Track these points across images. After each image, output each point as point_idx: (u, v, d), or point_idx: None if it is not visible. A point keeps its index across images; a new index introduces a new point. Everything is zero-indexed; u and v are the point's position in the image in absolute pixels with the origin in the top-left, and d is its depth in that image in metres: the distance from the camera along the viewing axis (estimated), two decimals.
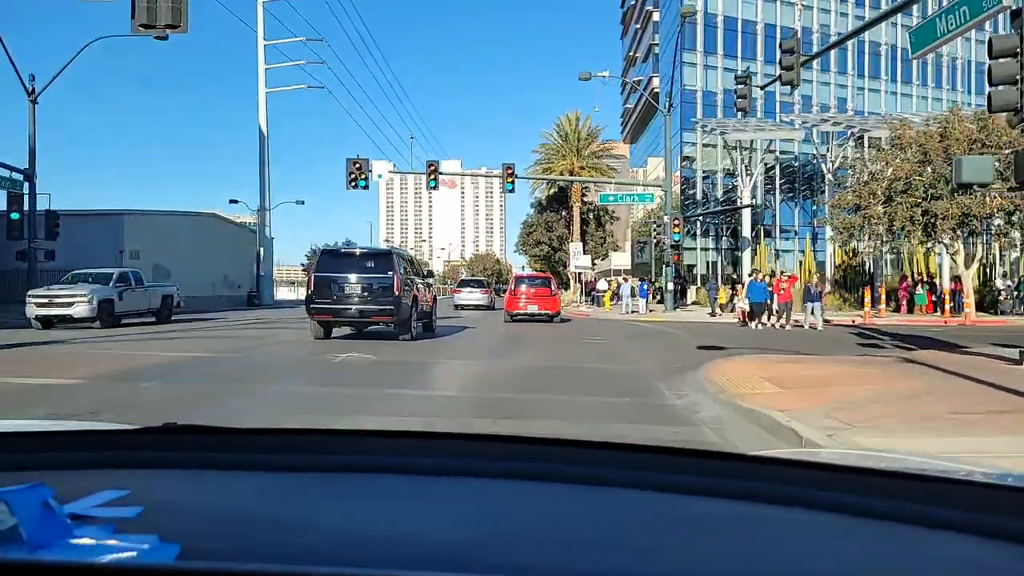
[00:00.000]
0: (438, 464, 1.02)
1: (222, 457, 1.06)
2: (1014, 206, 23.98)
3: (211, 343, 14.42)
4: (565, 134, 43.29)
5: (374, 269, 14.53)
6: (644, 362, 11.49)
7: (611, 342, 15.39)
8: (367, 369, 10.22)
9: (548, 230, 46.96)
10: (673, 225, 30.43)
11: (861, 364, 10.02)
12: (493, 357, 12.22)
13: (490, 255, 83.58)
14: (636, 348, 14.09)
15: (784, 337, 17.11)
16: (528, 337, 16.77)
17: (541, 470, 0.98)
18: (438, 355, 12.52)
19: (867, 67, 49.44)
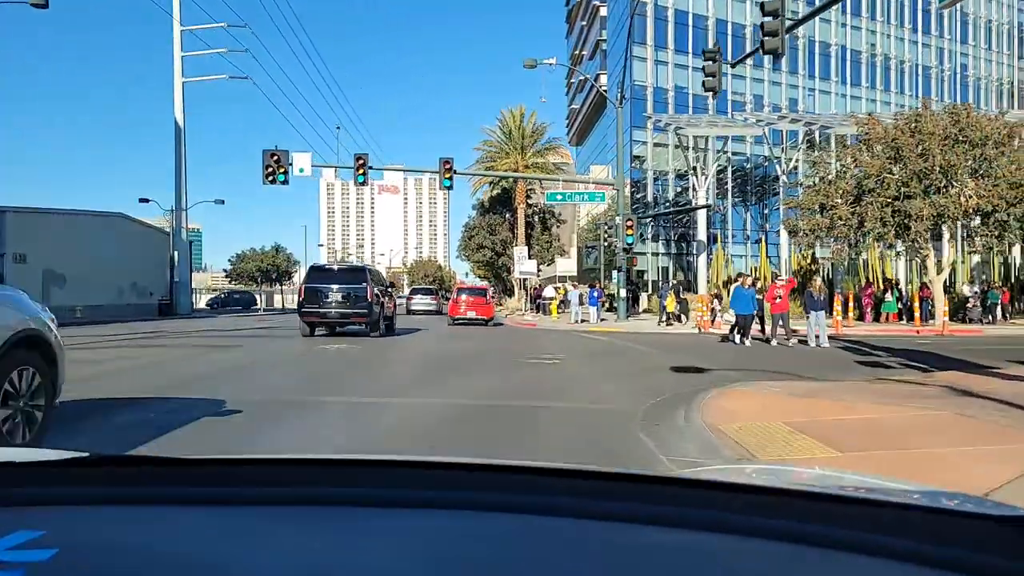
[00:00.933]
0: (379, 495, 0.97)
1: (150, 491, 0.98)
2: (992, 206, 22.25)
3: None
4: (509, 131, 40.57)
5: (351, 281, 18.44)
6: (611, 394, 8.69)
7: (565, 363, 12.58)
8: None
9: (491, 233, 44.10)
10: (626, 227, 27.99)
11: (908, 399, 7.42)
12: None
13: (431, 261, 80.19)
14: (597, 372, 11.31)
15: (770, 355, 14.59)
16: (469, 351, 13.97)
17: (488, 500, 0.95)
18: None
19: (817, 68, 48.34)
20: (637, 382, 9.83)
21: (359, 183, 27.73)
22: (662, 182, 44.26)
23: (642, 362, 12.96)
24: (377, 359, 13.02)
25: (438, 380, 9.92)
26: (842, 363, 12.59)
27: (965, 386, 8.52)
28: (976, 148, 22.83)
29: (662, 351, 15.01)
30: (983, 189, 22.44)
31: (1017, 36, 56.59)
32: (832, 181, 25.69)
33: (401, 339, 18.69)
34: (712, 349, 15.89)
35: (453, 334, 21.53)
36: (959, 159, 22.53)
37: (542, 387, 9.36)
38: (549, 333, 22.65)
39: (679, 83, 43.37)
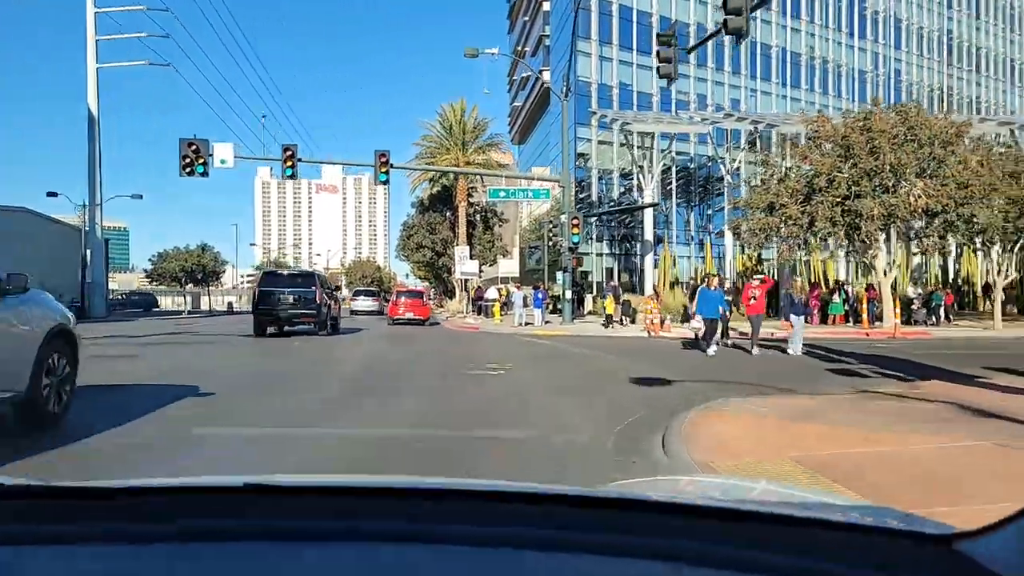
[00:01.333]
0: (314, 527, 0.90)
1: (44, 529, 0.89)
2: (941, 206, 21.87)
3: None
4: (449, 126, 38.97)
5: (302, 285, 20.06)
6: (569, 415, 7.30)
7: (513, 372, 11.15)
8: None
9: (431, 232, 42.38)
10: (572, 225, 26.78)
11: (921, 421, 6.25)
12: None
13: (369, 262, 77.57)
14: (549, 384, 9.91)
15: (734, 363, 13.47)
16: (405, 359, 12.40)
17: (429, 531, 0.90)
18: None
19: (759, 69, 48.38)
20: (597, 397, 8.49)
21: (287, 176, 25.72)
22: (606, 181, 43.39)
23: (597, 370, 11.65)
24: (303, 369, 11.68)
25: (366, 398, 8.31)
26: (813, 372, 11.55)
27: (966, 401, 7.48)
28: (924, 147, 22.46)
29: (616, 356, 13.76)
30: (932, 189, 22.07)
31: (946, 43, 58.06)
32: (781, 179, 25.05)
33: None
34: (667, 355, 14.72)
35: (392, 335, 21.87)
36: (908, 158, 22.11)
37: (486, 407, 7.90)
38: (492, 337, 21.22)
39: (624, 80, 42.62)
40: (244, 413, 7.17)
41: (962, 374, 10.57)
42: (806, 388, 9.19)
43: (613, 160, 42.40)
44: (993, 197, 22.27)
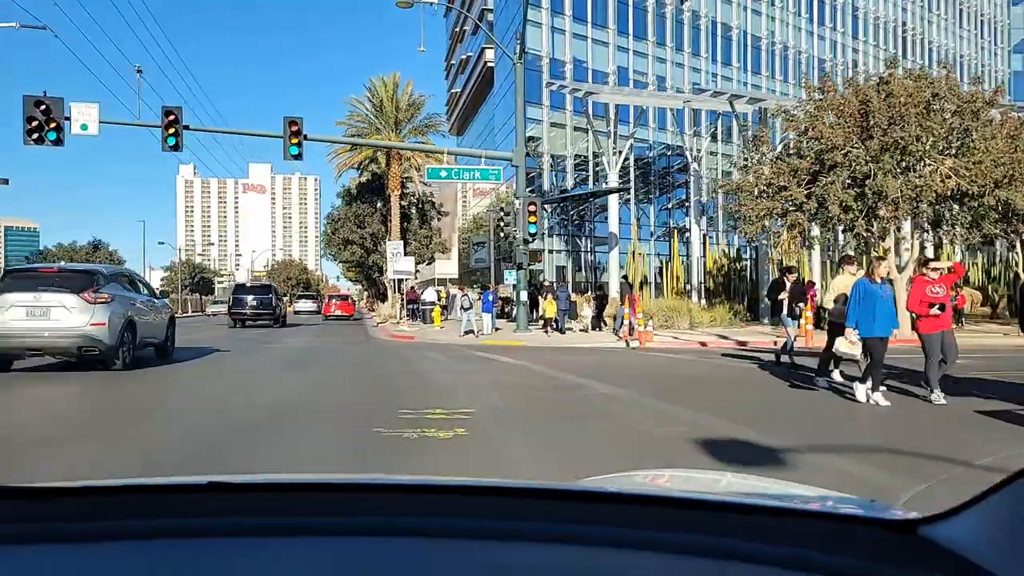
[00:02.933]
0: (284, 524, 0.90)
1: None
2: (977, 187, 18.07)
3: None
4: (380, 103, 33.73)
5: (262, 293, 29.26)
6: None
7: (480, 436, 6.21)
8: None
9: (360, 226, 36.98)
10: (528, 211, 22.07)
11: None
12: None
13: (295, 262, 71.21)
14: (564, 474, 5.09)
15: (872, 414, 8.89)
16: (306, 404, 7.48)
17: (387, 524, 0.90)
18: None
19: (720, 52, 44.89)
20: None
21: (170, 146, 20.15)
22: (560, 169, 38.89)
23: (647, 435, 6.72)
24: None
25: None
26: (968, 422, 7.05)
27: None
28: (956, 117, 18.68)
29: (635, 390, 8.97)
30: (963, 167, 18.27)
31: (900, 35, 56.13)
32: (779, 158, 20.96)
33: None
34: (737, 393, 10.05)
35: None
36: (939, 129, 18.29)
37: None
38: (434, 351, 16.27)
39: (578, 55, 38.24)
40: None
41: None
42: None
43: (567, 145, 37.89)
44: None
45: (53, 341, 10.64)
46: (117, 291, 11.59)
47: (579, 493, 0.99)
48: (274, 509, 0.93)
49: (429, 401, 7.85)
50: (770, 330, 23.16)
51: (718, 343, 18.69)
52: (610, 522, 0.86)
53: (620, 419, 7.22)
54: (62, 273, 11.75)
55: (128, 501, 0.94)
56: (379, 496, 0.97)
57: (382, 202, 36.21)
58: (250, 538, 0.87)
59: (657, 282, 32.92)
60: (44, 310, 10.64)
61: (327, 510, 0.93)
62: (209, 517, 0.90)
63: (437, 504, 0.94)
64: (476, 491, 0.98)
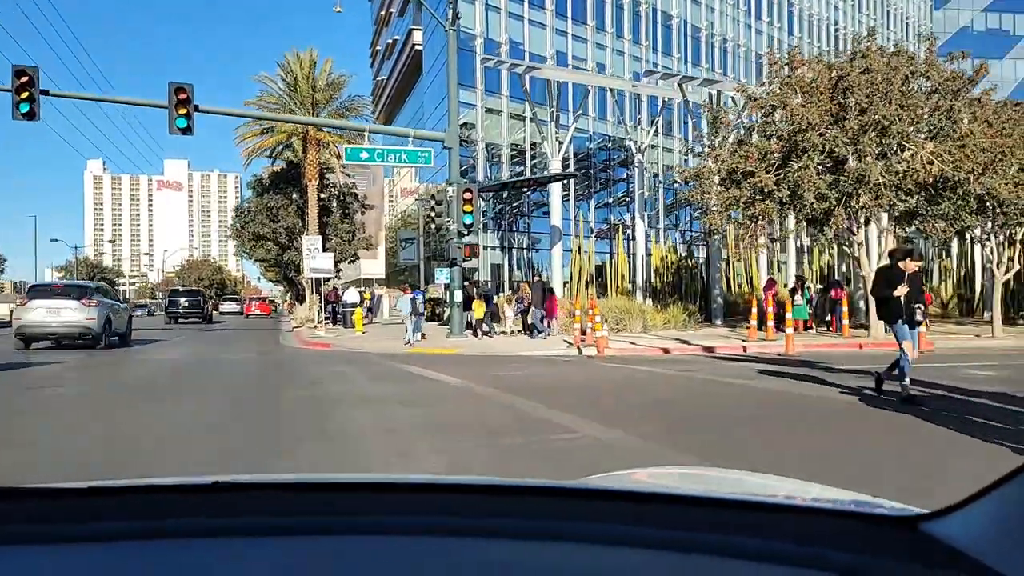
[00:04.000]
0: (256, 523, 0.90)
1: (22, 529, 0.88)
2: (965, 173, 16.29)
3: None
4: (294, 81, 30.14)
5: (193, 296, 36.85)
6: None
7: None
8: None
9: (273, 220, 33.26)
10: (464, 199, 19.28)
11: None
12: None
13: (208, 262, 66.08)
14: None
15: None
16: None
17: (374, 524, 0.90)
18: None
19: (660, 41, 43.08)
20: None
21: (23, 114, 16.39)
22: (496, 159, 36.07)
23: None
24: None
25: None
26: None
27: None
28: (935, 96, 16.90)
29: (658, 439, 6.15)
30: (945, 151, 16.47)
31: (833, 34, 55.94)
32: (744, 141, 18.83)
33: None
34: (793, 432, 7.42)
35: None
36: (923, 107, 16.45)
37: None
38: (352, 364, 13.21)
39: (514, 37, 35.53)
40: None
41: None
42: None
43: (503, 133, 35.14)
44: (1009, 164, 17.02)
45: (64, 329, 16.53)
46: (100, 298, 17.44)
47: (584, 491, 0.98)
48: (277, 509, 0.92)
49: (322, 470, 4.93)
50: (727, 332, 21.07)
51: (681, 348, 16.36)
52: (615, 520, 0.85)
53: None
54: (67, 287, 17.76)
55: (133, 501, 0.94)
56: (384, 495, 0.97)
57: (298, 193, 32.62)
58: (255, 538, 0.86)
59: (600, 281, 30.62)
60: (57, 310, 16.52)
61: (331, 509, 0.92)
62: (214, 517, 0.89)
63: (443, 503, 0.93)
64: (484, 490, 0.96)
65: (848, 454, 5.35)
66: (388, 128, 26.22)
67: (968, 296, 29.20)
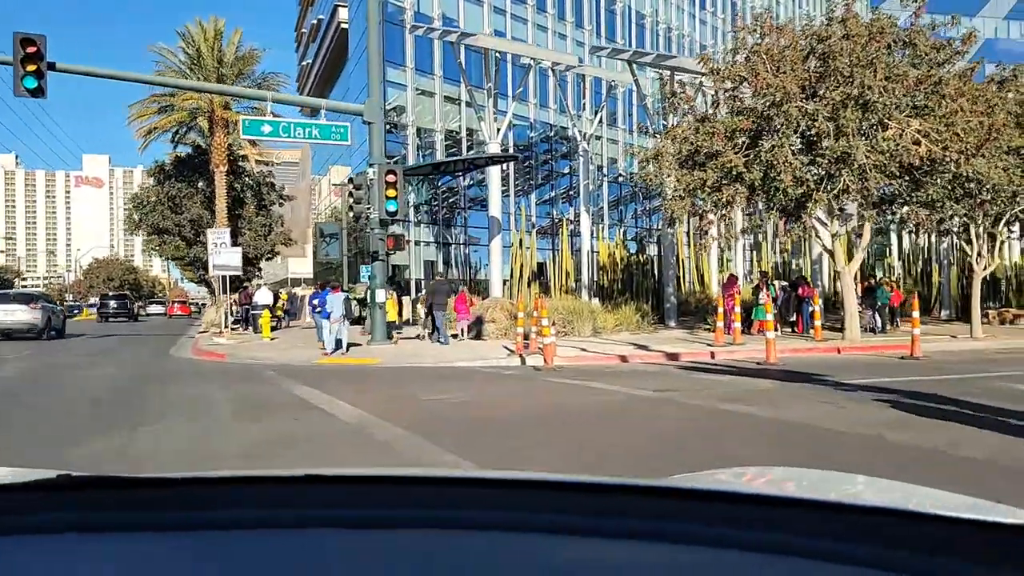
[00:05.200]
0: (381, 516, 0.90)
1: (116, 516, 0.91)
2: (957, 154, 14.33)
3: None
4: (197, 53, 26.56)
5: (122, 298, 46.49)
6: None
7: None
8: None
9: (176, 211, 29.51)
10: (387, 183, 16.44)
11: None
12: None
13: (118, 261, 60.82)
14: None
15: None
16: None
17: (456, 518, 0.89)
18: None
19: (603, 27, 40.88)
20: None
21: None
22: (428, 147, 33.04)
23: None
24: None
25: None
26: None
27: None
28: (924, 66, 14.92)
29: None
30: (932, 130, 14.49)
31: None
32: (707, 118, 16.54)
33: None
34: None
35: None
36: (911, 78, 14.43)
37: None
38: (231, 387, 10.16)
39: (448, 13, 32.59)
40: None
41: None
42: None
43: (436, 119, 32.20)
44: (999, 145, 15.20)
45: (16, 326, 21.77)
46: (43, 303, 23.14)
47: (673, 491, 0.94)
48: (368, 501, 0.93)
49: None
50: (686, 335, 18.81)
51: (641, 356, 13.95)
52: (702, 520, 0.83)
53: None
54: (17, 295, 24.09)
55: (228, 492, 0.95)
56: (485, 490, 0.96)
57: (205, 181, 29.00)
58: (344, 530, 0.87)
59: (542, 280, 28.14)
60: (11, 311, 21.88)
61: (417, 503, 0.93)
62: (305, 509, 0.90)
63: (524, 499, 0.93)
64: (564, 487, 0.95)
65: None
66: (296, 98, 22.98)
67: (925, 294, 27.86)
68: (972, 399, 7.37)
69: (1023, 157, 15.94)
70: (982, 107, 15.04)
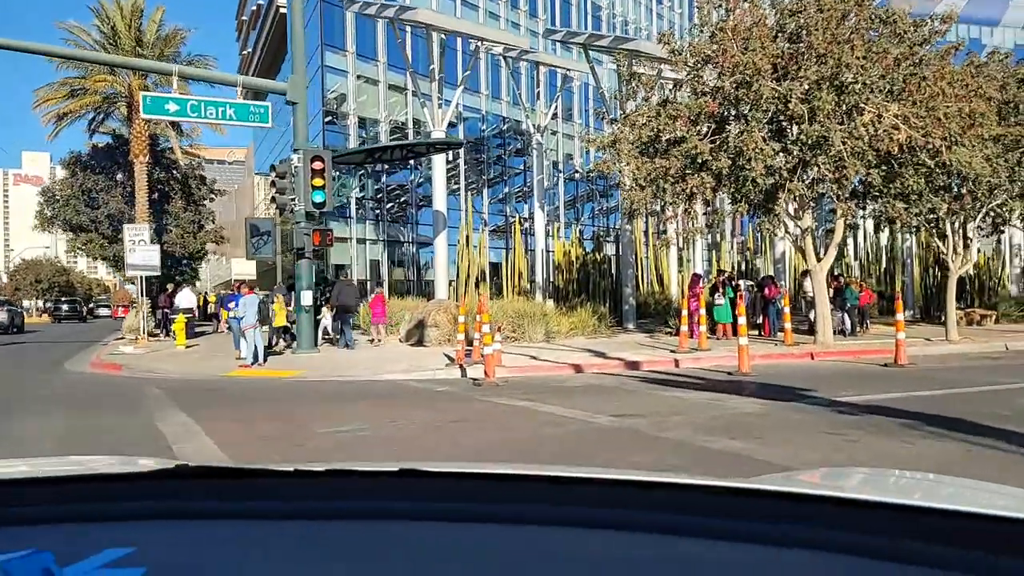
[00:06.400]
0: None
1: (245, 505, 0.94)
2: (940, 141, 13.04)
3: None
4: (113, 30, 24.10)
5: (72, 303, 52.82)
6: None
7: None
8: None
9: (92, 206, 26.95)
10: (312, 171, 14.57)
11: None
12: None
13: (50, 262, 57.21)
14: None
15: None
16: None
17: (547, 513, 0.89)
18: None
19: (558, 17, 39.33)
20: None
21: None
22: (372, 139, 30.95)
23: None
24: None
25: None
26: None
27: None
28: (903, 45, 13.62)
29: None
30: (912, 115, 13.19)
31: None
32: (669, 101, 15.03)
33: None
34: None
35: None
36: (891, 57, 13.11)
37: None
38: (87, 418, 8.18)
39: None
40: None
41: None
42: None
43: (381, 107, 30.15)
44: (980, 132, 14.00)
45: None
46: (8, 307, 30.60)
47: (761, 492, 0.90)
48: (465, 496, 0.94)
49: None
50: (646, 339, 17.30)
51: (597, 364, 12.37)
52: (793, 520, 0.81)
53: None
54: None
55: (337, 485, 0.96)
56: (581, 488, 0.95)
57: (126, 174, 26.52)
58: (443, 523, 0.87)
59: (495, 280, 26.45)
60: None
61: (509, 497, 0.93)
62: (401, 501, 0.91)
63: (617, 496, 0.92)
64: (647, 486, 0.93)
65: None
66: (206, 72, 20.73)
67: (889, 293, 26.93)
68: (1004, 424, 5.89)
69: (1005, 147, 14.79)
70: (962, 91, 13.82)
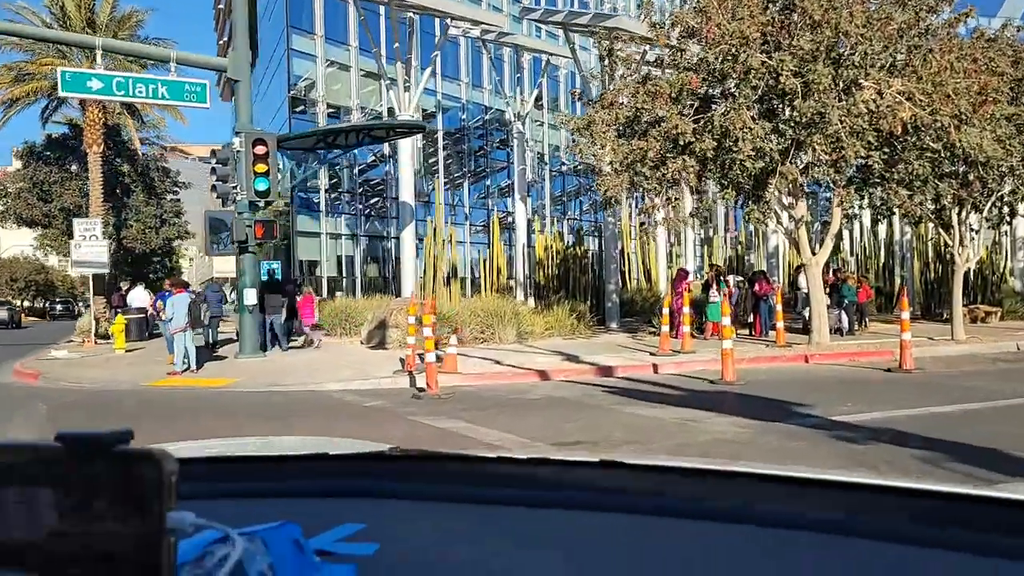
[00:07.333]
0: None
1: (460, 490, 0.98)
2: (948, 121, 11.67)
3: None
4: (62, 9, 22.45)
5: (65, 303, 55.40)
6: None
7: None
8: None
9: (44, 199, 25.43)
10: (254, 156, 13.19)
11: None
12: None
13: (29, 260, 55.71)
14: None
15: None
16: None
17: None
18: None
19: (541, 1, 37.80)
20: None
21: None
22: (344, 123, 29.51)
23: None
24: None
25: None
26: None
27: None
28: (910, 11, 12.25)
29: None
30: (917, 91, 11.82)
31: None
32: (649, 78, 13.64)
33: None
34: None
35: None
36: (894, 27, 11.73)
37: None
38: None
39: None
40: None
41: None
42: None
43: (353, 94, 28.64)
44: (991, 111, 12.62)
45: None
46: (8, 307, 37.45)
47: None
48: (662, 491, 0.94)
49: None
50: (628, 340, 15.92)
51: (566, 370, 10.98)
52: None
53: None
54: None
55: (517, 472, 0.99)
56: (771, 485, 0.93)
57: (81, 165, 25.02)
58: (642, 516, 0.88)
59: (474, 278, 25.04)
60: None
61: (693, 494, 0.93)
62: (601, 492, 0.92)
63: (807, 496, 0.88)
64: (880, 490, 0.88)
65: None
66: (131, 45, 19.19)
67: (888, 290, 25.61)
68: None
69: (1017, 127, 13.43)
70: (972, 65, 12.45)
